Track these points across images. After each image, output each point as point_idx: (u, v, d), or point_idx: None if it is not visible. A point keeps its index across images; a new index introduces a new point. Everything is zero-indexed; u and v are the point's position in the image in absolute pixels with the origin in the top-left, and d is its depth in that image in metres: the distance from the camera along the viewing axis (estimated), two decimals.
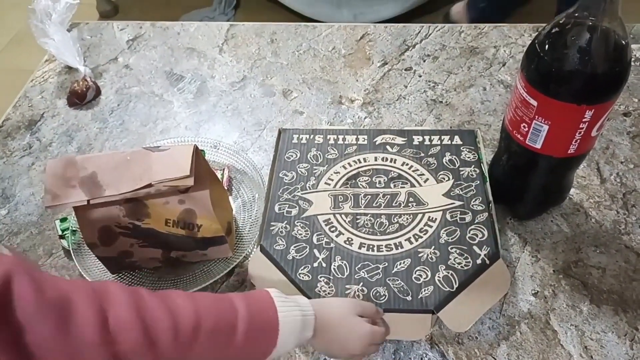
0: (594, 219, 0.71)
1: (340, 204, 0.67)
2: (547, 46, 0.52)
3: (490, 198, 0.66)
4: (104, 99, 0.97)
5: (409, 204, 0.67)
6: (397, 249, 0.63)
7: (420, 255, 0.62)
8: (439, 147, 0.71)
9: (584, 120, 0.53)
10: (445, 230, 0.64)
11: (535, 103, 0.54)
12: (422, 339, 0.61)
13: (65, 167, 0.58)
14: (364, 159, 0.71)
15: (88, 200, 0.57)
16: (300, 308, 0.51)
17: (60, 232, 0.74)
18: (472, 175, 0.68)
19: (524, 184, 0.66)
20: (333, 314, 0.54)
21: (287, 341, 0.49)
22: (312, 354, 0.61)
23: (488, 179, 0.68)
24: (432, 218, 0.65)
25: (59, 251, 0.74)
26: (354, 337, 0.54)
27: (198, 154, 0.60)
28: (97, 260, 0.66)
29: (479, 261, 0.60)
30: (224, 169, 0.80)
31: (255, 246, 0.66)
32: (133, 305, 0.39)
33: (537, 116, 0.55)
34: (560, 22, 0.52)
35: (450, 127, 0.85)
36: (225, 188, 0.76)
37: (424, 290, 0.59)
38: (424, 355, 0.60)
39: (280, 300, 0.50)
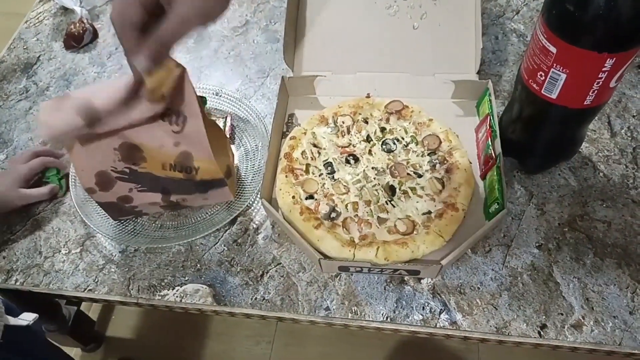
0: (602, 172, 0.70)
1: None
2: None
3: (500, 149, 0.64)
4: (101, 42, 0.93)
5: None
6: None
7: None
8: None
9: (603, 69, 0.51)
10: None
11: (554, 50, 0.52)
12: (425, 288, 0.62)
13: (59, 101, 0.56)
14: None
15: (85, 127, 0.55)
16: None
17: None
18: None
19: (535, 137, 0.64)
20: None
21: None
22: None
23: (498, 132, 0.66)
24: None
25: (60, 197, 0.73)
26: None
27: (184, 78, 0.56)
28: (99, 207, 0.65)
29: None
30: (226, 117, 0.78)
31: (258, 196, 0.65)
32: None
33: (555, 64, 0.53)
34: None
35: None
36: (228, 136, 0.75)
37: None
38: (426, 304, 0.61)
39: None
